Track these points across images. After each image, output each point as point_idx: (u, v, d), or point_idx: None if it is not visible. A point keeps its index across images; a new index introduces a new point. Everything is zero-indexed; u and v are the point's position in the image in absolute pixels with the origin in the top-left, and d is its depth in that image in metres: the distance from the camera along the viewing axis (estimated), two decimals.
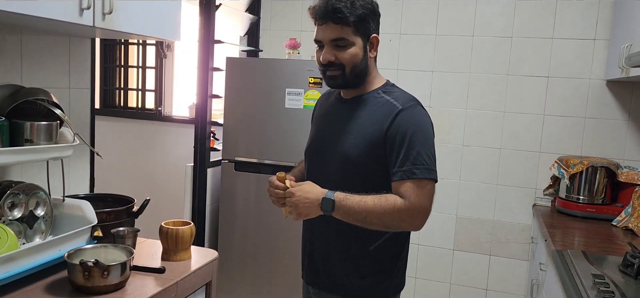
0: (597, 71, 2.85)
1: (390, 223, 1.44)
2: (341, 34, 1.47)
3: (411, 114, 1.47)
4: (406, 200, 1.41)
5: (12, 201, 1.51)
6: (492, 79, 3.03)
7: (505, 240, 3.10)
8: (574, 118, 2.91)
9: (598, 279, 1.65)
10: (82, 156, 2.03)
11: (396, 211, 1.41)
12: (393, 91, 1.56)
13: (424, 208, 1.42)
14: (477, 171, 3.11)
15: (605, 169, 2.64)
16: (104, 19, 1.45)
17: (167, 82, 3.87)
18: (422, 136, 1.45)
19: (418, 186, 1.42)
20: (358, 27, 1.47)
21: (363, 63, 1.51)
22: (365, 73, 1.53)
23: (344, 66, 1.50)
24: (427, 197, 1.43)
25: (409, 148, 1.43)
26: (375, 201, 1.42)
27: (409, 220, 1.42)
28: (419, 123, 1.47)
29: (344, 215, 1.44)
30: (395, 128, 1.45)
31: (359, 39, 1.49)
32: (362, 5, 1.47)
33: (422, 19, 3.11)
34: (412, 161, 1.42)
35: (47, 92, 1.59)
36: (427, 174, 1.42)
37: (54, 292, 1.37)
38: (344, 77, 1.51)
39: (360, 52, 1.50)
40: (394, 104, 1.48)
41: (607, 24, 2.80)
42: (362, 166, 1.49)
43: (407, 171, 1.42)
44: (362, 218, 1.43)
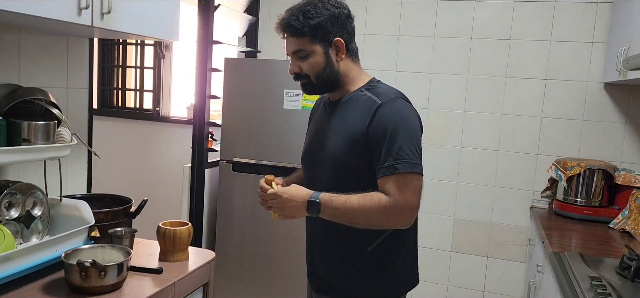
0: (595, 74, 2.86)
1: (377, 222, 1.42)
2: (298, 45, 1.48)
3: (391, 107, 1.44)
4: (391, 197, 1.39)
5: (9, 201, 1.51)
6: (490, 81, 3.04)
7: (502, 242, 3.10)
8: (571, 120, 2.92)
9: (595, 281, 1.65)
10: (79, 156, 2.02)
11: (381, 209, 1.39)
12: (377, 87, 1.53)
13: (409, 204, 1.40)
14: (474, 173, 3.11)
15: (603, 171, 2.64)
16: (103, 18, 1.45)
17: (165, 82, 3.87)
18: (403, 130, 1.41)
19: (402, 182, 1.39)
20: (315, 35, 1.46)
21: (328, 69, 1.50)
22: (335, 77, 1.51)
23: (308, 76, 1.51)
24: (412, 193, 1.40)
25: (390, 143, 1.40)
26: (360, 200, 1.40)
27: (395, 217, 1.41)
28: (400, 116, 1.44)
29: (331, 216, 1.44)
30: (376, 123, 1.43)
31: (318, 47, 1.48)
32: (317, 13, 1.46)
33: (420, 21, 3.12)
34: (394, 157, 1.39)
35: (45, 91, 1.59)
36: (410, 169, 1.39)
37: (50, 292, 1.37)
38: (312, 85, 1.53)
39: (321, 60, 1.48)
40: (374, 100, 1.46)
41: (605, 27, 2.81)
42: (350, 165, 1.48)
43: (390, 167, 1.39)
44: (348, 218, 1.42)
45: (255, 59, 3.35)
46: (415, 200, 1.41)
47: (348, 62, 1.53)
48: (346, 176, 1.48)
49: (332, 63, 1.50)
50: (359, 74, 1.56)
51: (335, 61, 1.50)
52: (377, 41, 3.20)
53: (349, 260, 1.55)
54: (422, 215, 3.21)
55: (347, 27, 1.52)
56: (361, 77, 1.56)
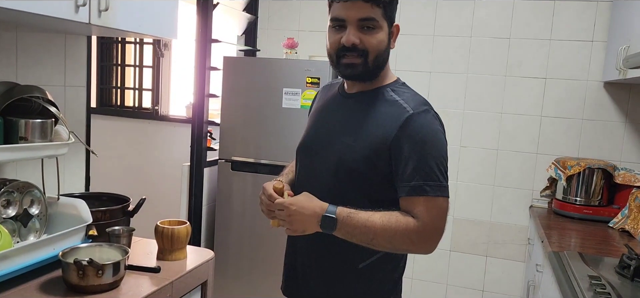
0: (595, 73, 2.85)
1: (399, 246, 1.28)
2: (371, 13, 1.27)
3: (423, 120, 1.28)
4: (418, 220, 1.25)
5: (7, 199, 1.50)
6: (490, 80, 3.03)
7: (501, 241, 3.09)
8: (571, 119, 2.92)
9: (594, 280, 1.65)
10: (77, 155, 2.02)
11: (408, 233, 1.25)
12: (403, 91, 1.36)
13: (437, 229, 1.28)
14: (474, 172, 3.11)
15: (602, 171, 2.64)
16: (100, 16, 1.44)
17: (164, 81, 3.86)
18: (434, 148, 1.27)
19: (431, 205, 1.26)
20: (387, 10, 1.30)
21: (386, 53, 1.34)
22: (384, 64, 1.35)
23: (367, 53, 1.30)
24: (440, 217, 1.27)
25: (419, 161, 1.25)
26: (384, 220, 1.25)
27: (421, 242, 1.27)
28: (432, 131, 1.29)
29: (347, 234, 1.28)
30: (404, 136, 1.26)
31: (386, 24, 1.31)
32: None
33: (419, 19, 3.11)
34: (424, 176, 1.25)
35: (42, 89, 1.58)
36: (439, 192, 1.26)
37: (48, 291, 1.36)
38: (365, 66, 1.31)
39: (386, 39, 1.32)
40: (404, 108, 1.29)
41: (605, 25, 2.80)
42: (358, 173, 1.31)
43: (418, 188, 1.25)
44: (368, 239, 1.27)
45: (254, 58, 3.35)
46: (443, 225, 1.29)
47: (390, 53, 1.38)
48: (349, 181, 1.33)
49: (389, 46, 1.34)
50: (389, 71, 1.41)
51: (391, 46, 1.35)
52: None
53: (335, 276, 1.39)
54: None
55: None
56: (389, 74, 1.40)
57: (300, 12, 3.30)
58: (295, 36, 3.16)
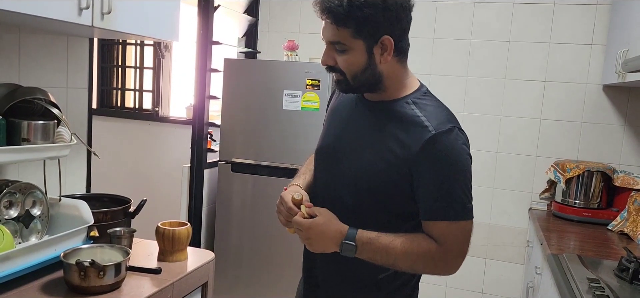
0: (594, 76, 2.86)
1: (422, 269, 1.28)
2: (337, 36, 1.22)
3: (447, 142, 1.22)
4: (441, 245, 1.23)
5: (9, 200, 1.51)
6: (489, 82, 3.04)
7: (501, 244, 3.10)
8: (570, 122, 2.93)
9: (593, 283, 1.66)
10: (79, 156, 2.02)
11: (430, 257, 1.23)
12: (425, 103, 1.30)
13: (461, 252, 1.25)
14: (473, 174, 3.10)
15: (601, 173, 2.65)
16: (103, 18, 1.45)
17: (165, 83, 3.86)
18: (458, 170, 1.24)
19: (454, 228, 1.23)
20: (360, 30, 1.20)
21: (369, 70, 1.24)
22: (376, 80, 1.27)
23: (344, 73, 1.26)
24: (464, 240, 1.25)
25: (442, 184, 1.22)
26: (406, 245, 1.22)
27: (443, 266, 1.25)
28: (455, 153, 1.24)
29: (368, 258, 1.26)
30: (426, 157, 1.21)
31: (361, 43, 1.22)
32: (367, 3, 1.18)
33: (419, 22, 3.12)
34: (447, 199, 1.22)
35: (45, 91, 1.59)
36: (463, 216, 1.24)
37: (49, 292, 1.36)
38: (347, 83, 1.28)
39: (361, 59, 1.23)
40: (426, 126, 1.23)
41: (604, 29, 2.81)
42: (378, 189, 1.27)
43: (442, 210, 1.22)
44: (390, 263, 1.25)
45: (255, 60, 3.35)
46: (466, 248, 1.26)
47: (394, 63, 1.28)
48: (369, 196, 1.29)
49: (374, 64, 1.24)
50: (405, 77, 1.33)
51: (379, 61, 1.25)
52: None
53: (356, 286, 1.37)
54: None
55: (401, 21, 1.25)
56: (407, 81, 1.33)
57: (300, 14, 3.31)
58: (295, 38, 3.17)
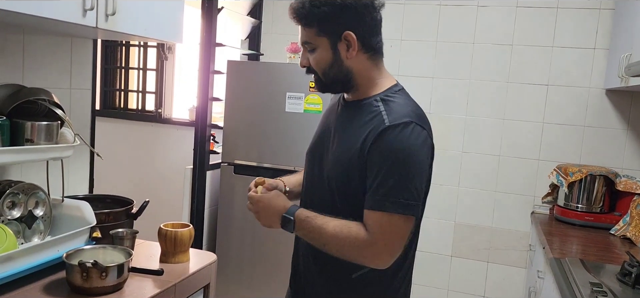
0: (597, 80, 2.86)
1: (349, 255, 1.26)
2: (305, 36, 1.31)
3: (398, 135, 1.23)
4: (369, 234, 1.22)
5: (12, 200, 1.51)
6: (492, 86, 3.04)
7: (503, 247, 3.10)
8: (573, 126, 2.92)
9: (596, 288, 1.65)
10: (81, 157, 2.03)
11: (357, 244, 1.23)
12: (392, 100, 1.31)
13: (388, 246, 1.23)
14: (475, 178, 3.11)
15: (604, 177, 2.64)
16: (107, 20, 1.45)
17: (168, 84, 3.87)
18: (405, 165, 1.22)
19: (387, 223, 1.21)
20: (322, 27, 1.27)
21: (336, 67, 1.30)
22: (346, 77, 1.32)
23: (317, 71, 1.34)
24: (395, 237, 1.23)
25: (387, 176, 1.21)
26: (337, 229, 1.25)
27: (370, 257, 1.24)
28: (404, 147, 1.23)
29: (304, 236, 1.31)
30: (378, 148, 1.23)
31: (325, 40, 1.28)
32: (325, 1, 1.25)
33: (423, 25, 3.12)
34: (387, 192, 1.21)
35: (49, 92, 1.60)
36: (401, 210, 1.21)
37: (51, 293, 1.37)
38: (321, 82, 1.35)
39: (327, 55, 1.29)
40: (383, 120, 1.25)
41: (607, 33, 2.81)
42: (343, 183, 1.31)
43: (378, 202, 1.22)
44: (321, 244, 1.28)
45: (258, 62, 3.36)
46: (396, 246, 1.24)
47: (364, 60, 1.32)
48: (338, 188, 1.32)
49: (340, 60, 1.30)
50: (379, 77, 1.35)
51: (345, 57, 1.29)
52: None
53: (332, 285, 1.39)
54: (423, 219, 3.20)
55: (365, 18, 1.30)
56: (381, 81, 1.35)
57: None
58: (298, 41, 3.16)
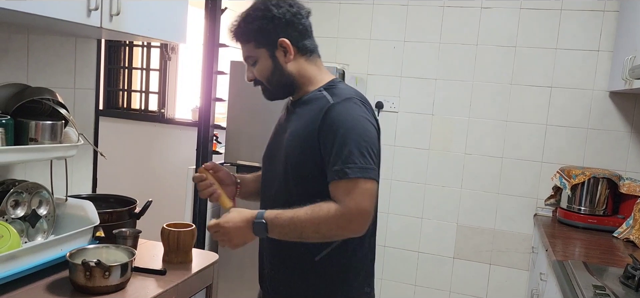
0: (600, 82, 2.86)
1: (328, 232, 1.32)
2: (245, 51, 1.45)
3: (343, 108, 1.35)
4: (340, 204, 1.29)
5: (15, 199, 1.52)
6: (495, 88, 3.04)
7: (505, 249, 3.09)
8: (576, 128, 2.92)
9: (599, 290, 1.65)
10: (85, 157, 2.03)
11: (331, 218, 1.29)
12: (335, 87, 1.43)
13: (360, 210, 1.29)
14: (478, 180, 3.11)
15: (607, 180, 2.64)
16: (111, 20, 1.46)
17: (171, 84, 3.88)
18: (354, 133, 1.32)
19: (352, 187, 1.29)
20: (258, 40, 1.41)
21: (277, 72, 1.43)
22: (288, 80, 1.44)
23: (262, 81, 1.46)
24: (363, 198, 1.29)
25: (340, 146, 1.31)
26: (309, 212, 1.31)
27: (347, 225, 1.31)
28: (351, 117, 1.34)
29: (279, 234, 1.35)
30: (327, 124, 1.34)
31: (263, 51, 1.42)
32: (257, 16, 1.40)
33: (426, 26, 3.12)
34: (344, 160, 1.30)
35: (53, 91, 1.60)
36: (360, 174, 1.29)
37: (55, 292, 1.37)
38: (268, 90, 1.48)
39: (268, 64, 1.43)
40: (327, 100, 1.37)
41: (611, 35, 2.81)
42: (301, 168, 1.39)
43: (339, 171, 1.30)
44: (298, 233, 1.33)
45: None
46: (366, 205, 1.30)
47: (301, 62, 1.45)
48: (296, 178, 1.40)
49: (280, 66, 1.43)
50: (319, 74, 1.48)
51: (284, 63, 1.42)
52: (382, 46, 3.21)
53: (296, 272, 1.46)
54: (425, 220, 3.21)
55: (294, 25, 1.42)
56: (321, 77, 1.47)
57: None
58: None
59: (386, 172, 3.26)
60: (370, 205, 1.31)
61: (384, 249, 3.31)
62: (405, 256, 3.28)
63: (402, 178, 3.24)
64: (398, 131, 3.22)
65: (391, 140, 3.24)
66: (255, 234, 1.36)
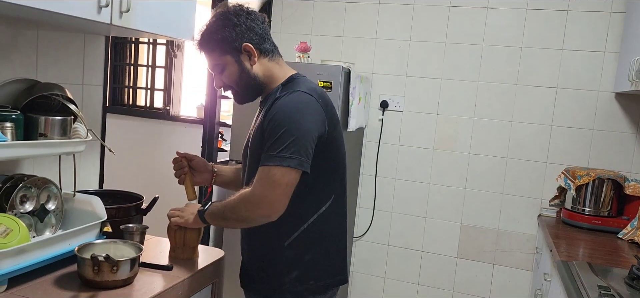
0: (606, 83, 2.85)
1: (240, 214, 1.45)
2: (211, 61, 1.54)
3: (284, 101, 1.45)
4: (250, 188, 1.43)
5: (24, 194, 1.53)
6: (501, 88, 3.04)
7: (509, 250, 3.09)
8: (581, 129, 2.91)
9: (604, 291, 1.65)
10: (92, 152, 2.05)
11: (241, 200, 1.44)
12: (292, 81, 1.54)
13: (265, 197, 1.39)
14: (483, 180, 3.11)
15: (612, 181, 2.63)
16: (121, 17, 1.47)
17: (176, 82, 3.89)
18: (282, 121, 1.41)
19: (265, 174, 1.40)
20: (223, 48, 1.50)
21: (245, 76, 1.53)
22: (255, 82, 1.54)
23: (232, 86, 1.55)
24: (269, 184, 1.39)
25: (271, 135, 1.41)
26: (231, 198, 1.47)
27: (253, 209, 1.42)
28: (288, 107, 1.43)
29: (215, 221, 1.57)
30: (268, 117, 1.45)
31: (229, 57, 1.51)
32: (219, 26, 1.49)
33: (432, 26, 3.13)
34: (269, 148, 1.41)
35: (62, 87, 1.61)
36: (278, 162, 1.38)
37: (63, 286, 1.38)
38: (240, 94, 1.58)
39: (235, 69, 1.52)
40: (277, 96, 1.49)
41: (617, 36, 2.80)
42: (256, 159, 1.49)
43: (263, 159, 1.41)
44: (222, 215, 1.51)
45: None
46: (269, 193, 1.39)
47: (265, 63, 1.55)
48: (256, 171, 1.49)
49: (247, 69, 1.52)
50: (281, 71, 1.58)
51: (250, 66, 1.52)
52: (388, 45, 3.21)
53: (266, 255, 1.58)
54: (428, 220, 3.21)
55: (254, 30, 1.52)
56: (282, 73, 1.57)
57: (313, 16, 3.33)
58: (308, 40, 3.18)
59: (390, 171, 3.27)
60: (276, 193, 1.39)
61: (387, 248, 3.32)
62: (409, 256, 3.28)
63: (406, 178, 3.25)
64: (403, 131, 3.23)
65: (396, 139, 3.25)
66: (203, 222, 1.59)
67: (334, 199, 1.57)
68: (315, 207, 1.54)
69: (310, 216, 1.53)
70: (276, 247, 1.54)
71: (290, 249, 1.53)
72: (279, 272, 1.55)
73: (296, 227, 1.53)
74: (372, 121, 3.27)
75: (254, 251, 1.61)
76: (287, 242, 1.53)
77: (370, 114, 3.27)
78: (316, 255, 1.55)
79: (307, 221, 1.53)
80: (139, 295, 1.38)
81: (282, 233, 1.52)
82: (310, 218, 1.53)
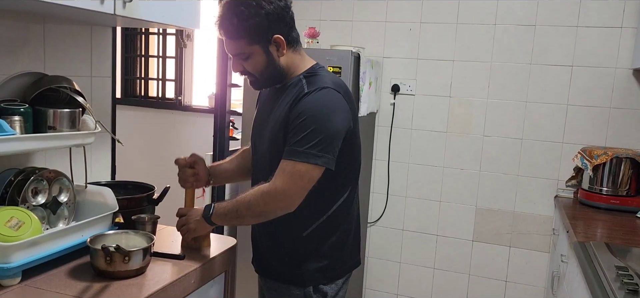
0: (624, 60, 2.78)
1: (258, 209, 1.43)
2: (237, 48, 1.45)
3: (313, 98, 1.42)
4: (271, 182, 1.40)
5: (36, 187, 1.54)
6: (514, 68, 2.98)
7: (525, 232, 3.06)
8: (598, 108, 2.85)
9: (622, 271, 1.62)
10: (103, 144, 2.06)
11: (259, 194, 1.41)
12: (315, 74, 1.51)
13: (285, 191, 1.39)
14: (497, 162, 3.07)
15: (631, 160, 2.58)
16: (125, 6, 1.46)
17: (187, 72, 3.90)
18: (314, 120, 1.38)
19: (288, 169, 1.38)
20: (252, 37, 1.42)
21: (271, 66, 1.48)
22: (280, 72, 1.50)
23: (253, 74, 1.50)
24: (291, 179, 1.38)
25: (297, 131, 1.39)
26: (245, 194, 1.44)
27: (270, 201, 1.41)
28: (318, 105, 1.41)
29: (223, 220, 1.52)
30: (295, 111, 1.42)
31: (257, 47, 1.44)
32: (252, 14, 1.40)
33: (442, 7, 3.07)
34: (295, 143, 1.38)
35: (70, 80, 1.61)
36: (304, 159, 1.37)
37: (76, 276, 1.39)
38: (259, 81, 1.53)
39: (262, 59, 1.46)
40: (303, 88, 1.46)
41: (635, 11, 2.72)
42: (274, 147, 1.48)
43: (287, 152, 1.39)
44: (235, 214, 1.47)
45: None
46: (291, 188, 1.39)
47: (290, 54, 1.51)
48: (272, 160, 1.48)
49: (274, 60, 1.48)
50: (302, 61, 1.55)
51: (277, 57, 1.48)
52: (398, 28, 3.17)
53: (285, 245, 1.57)
54: (443, 204, 3.19)
55: (285, 19, 1.47)
56: (303, 63, 1.54)
57: (321, 1, 3.29)
58: (317, 26, 3.15)
59: (403, 156, 3.24)
60: (297, 188, 1.39)
61: (402, 233, 3.30)
62: (424, 240, 3.26)
63: (420, 162, 3.22)
64: (415, 114, 3.19)
65: (408, 123, 3.21)
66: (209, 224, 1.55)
67: (351, 189, 1.58)
68: (335, 198, 1.54)
69: (329, 207, 1.54)
70: (296, 237, 1.55)
71: (309, 239, 1.54)
72: (298, 261, 1.56)
73: (316, 218, 1.53)
74: (384, 106, 3.24)
75: (273, 242, 1.60)
76: (306, 233, 1.53)
77: (382, 98, 3.24)
78: (334, 244, 1.57)
79: (326, 213, 1.53)
80: (152, 285, 1.38)
81: (301, 224, 1.53)
82: (329, 210, 1.54)
